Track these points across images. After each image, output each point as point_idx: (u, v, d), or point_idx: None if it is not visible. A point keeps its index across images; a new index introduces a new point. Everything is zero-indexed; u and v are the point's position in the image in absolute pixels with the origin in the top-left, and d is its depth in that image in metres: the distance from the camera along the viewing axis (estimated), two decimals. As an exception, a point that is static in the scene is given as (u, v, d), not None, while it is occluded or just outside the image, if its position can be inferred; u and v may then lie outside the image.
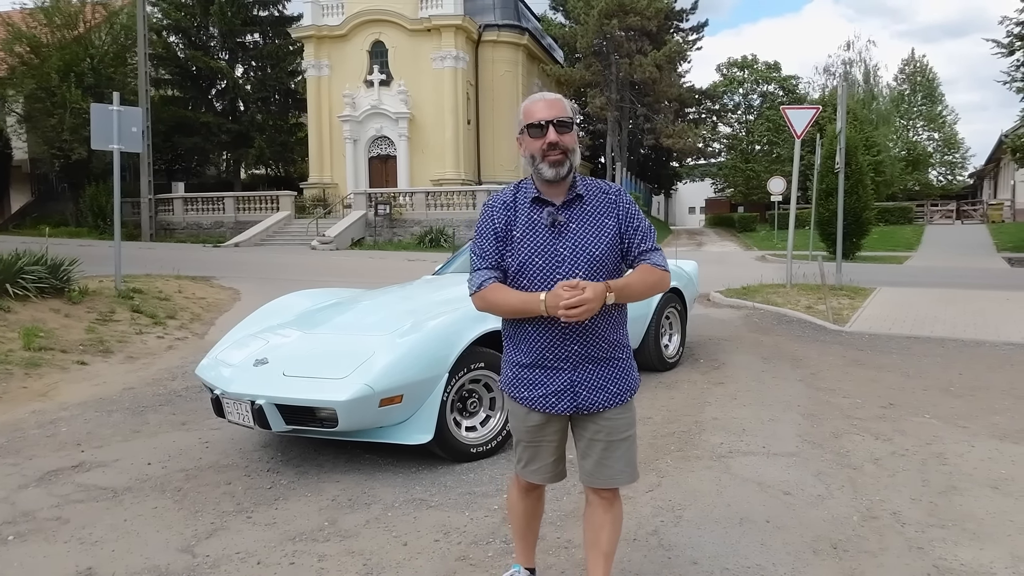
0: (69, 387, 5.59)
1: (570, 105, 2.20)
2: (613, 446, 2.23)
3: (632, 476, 2.28)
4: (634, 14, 33.10)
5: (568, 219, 2.17)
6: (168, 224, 28.39)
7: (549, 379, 2.20)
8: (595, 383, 2.20)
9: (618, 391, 2.23)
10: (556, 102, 2.17)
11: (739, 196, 46.64)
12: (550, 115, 2.13)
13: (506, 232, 2.21)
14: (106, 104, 8.84)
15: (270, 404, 3.63)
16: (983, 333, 7.76)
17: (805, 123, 10.74)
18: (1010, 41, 21.94)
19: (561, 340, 2.16)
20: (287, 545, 3.03)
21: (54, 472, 3.86)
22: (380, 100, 31.44)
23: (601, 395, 2.20)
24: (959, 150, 50.19)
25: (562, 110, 2.15)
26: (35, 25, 27.43)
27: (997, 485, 3.60)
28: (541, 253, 2.16)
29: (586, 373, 2.19)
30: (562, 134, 2.13)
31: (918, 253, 23.10)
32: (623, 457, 2.24)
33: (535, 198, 2.21)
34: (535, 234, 2.17)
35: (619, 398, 2.23)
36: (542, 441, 2.30)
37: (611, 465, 2.24)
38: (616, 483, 2.26)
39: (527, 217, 2.20)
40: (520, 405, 2.28)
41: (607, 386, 2.21)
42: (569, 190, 2.19)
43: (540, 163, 2.15)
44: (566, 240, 2.15)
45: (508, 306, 2.18)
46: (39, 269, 7.48)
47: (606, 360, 2.21)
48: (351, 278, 12.82)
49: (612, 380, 2.22)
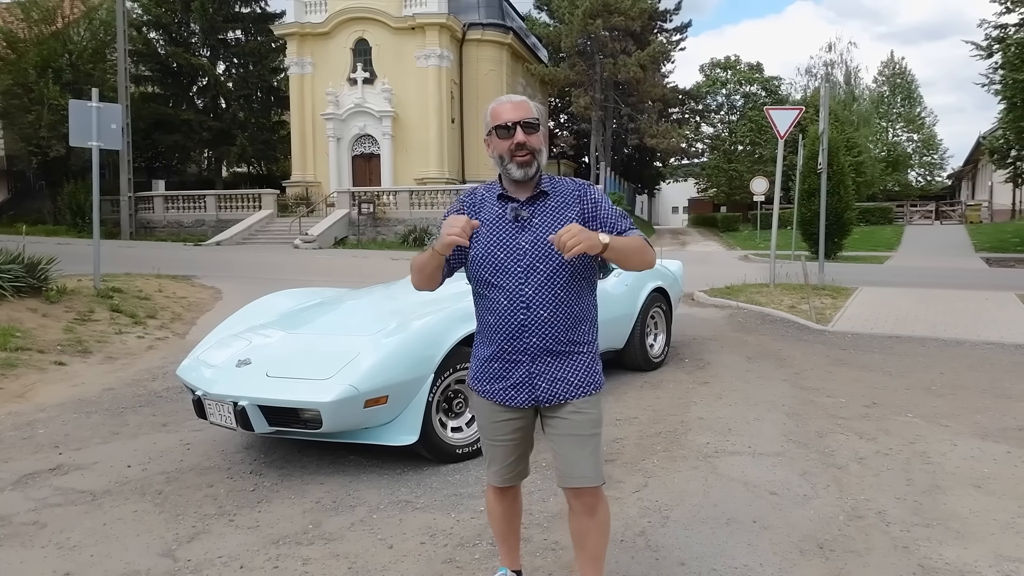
0: (47, 388, 5.49)
1: (536, 107, 2.23)
2: (582, 441, 2.22)
3: (597, 478, 2.25)
4: (618, 14, 33.20)
5: (531, 214, 2.20)
6: (148, 222, 28.09)
7: (508, 371, 2.23)
8: (554, 375, 2.21)
9: (579, 383, 2.22)
10: (522, 104, 2.20)
11: (722, 196, 46.91)
12: (517, 116, 2.16)
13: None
14: (85, 100, 8.72)
15: (253, 405, 3.58)
16: (963, 332, 7.85)
17: (788, 124, 10.81)
18: (988, 44, 22.22)
19: (520, 331, 2.18)
20: (270, 548, 2.99)
21: (31, 475, 3.78)
22: (364, 98, 31.28)
23: (560, 386, 2.21)
24: (938, 151, 50.91)
25: (528, 111, 2.18)
26: (12, 20, 27.07)
27: (980, 484, 3.63)
28: (503, 246, 2.19)
29: (544, 365, 2.20)
30: (529, 135, 2.16)
31: (898, 253, 23.35)
32: (593, 455, 2.23)
33: (500, 195, 2.25)
34: (498, 228, 2.21)
35: (580, 389, 2.21)
36: (503, 440, 2.32)
37: (580, 462, 2.22)
38: (588, 482, 2.24)
39: (491, 212, 2.24)
40: (483, 399, 2.32)
41: (567, 377, 2.21)
42: (535, 187, 2.23)
43: (508, 163, 2.18)
44: (528, 233, 2.19)
45: (420, 261, 2.27)
46: (16, 268, 7.36)
47: (566, 353, 2.21)
48: (334, 277, 12.73)
49: (572, 372, 2.22)
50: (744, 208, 41.06)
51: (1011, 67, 20.66)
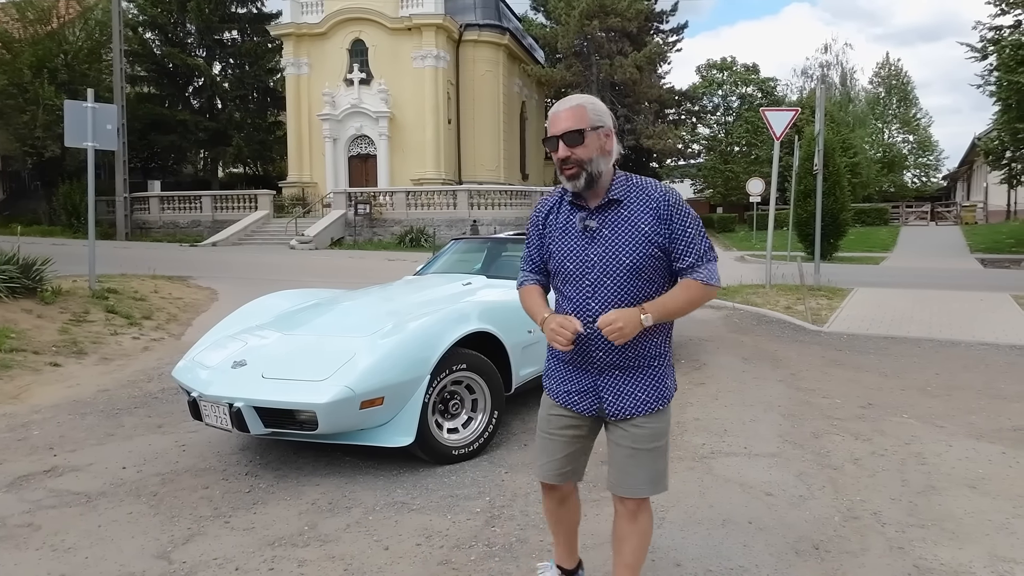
0: (41, 389, 5.48)
1: (591, 109, 2.09)
2: (638, 455, 2.16)
3: (654, 488, 2.21)
4: (615, 15, 33.20)
5: (601, 224, 2.11)
6: (144, 223, 28.02)
7: (576, 377, 2.21)
8: (620, 389, 2.15)
9: (646, 399, 2.16)
10: (571, 112, 2.08)
11: (718, 197, 46.98)
12: (558, 129, 2.07)
13: (544, 236, 2.27)
14: (80, 101, 8.70)
15: (249, 407, 3.57)
16: (958, 333, 7.87)
17: (784, 125, 10.83)
18: (983, 45, 22.27)
19: (587, 344, 2.13)
20: (266, 550, 2.98)
21: (25, 477, 3.77)
22: (360, 99, 31.27)
23: (627, 401, 2.16)
24: (933, 152, 51.06)
25: (573, 121, 2.06)
26: (7, 20, 26.95)
27: (975, 484, 3.64)
28: (572, 257, 2.14)
29: (611, 379, 2.16)
30: (573, 146, 2.06)
31: (894, 254, 23.39)
32: (647, 468, 2.18)
33: (571, 201, 2.19)
34: (568, 238, 2.17)
35: (647, 406, 2.15)
36: (555, 435, 2.29)
37: (632, 474, 2.18)
38: (636, 494, 2.19)
39: (564, 220, 2.19)
40: (547, 395, 2.33)
41: (635, 392, 2.15)
42: (605, 194, 2.12)
43: (560, 175, 2.14)
44: (597, 246, 2.11)
45: (526, 310, 2.30)
46: (10, 268, 7.33)
47: (634, 368, 2.15)
48: (331, 278, 12.72)
49: (640, 387, 2.16)
50: (740, 209, 41.11)
51: (1006, 69, 20.70)
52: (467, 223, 24.35)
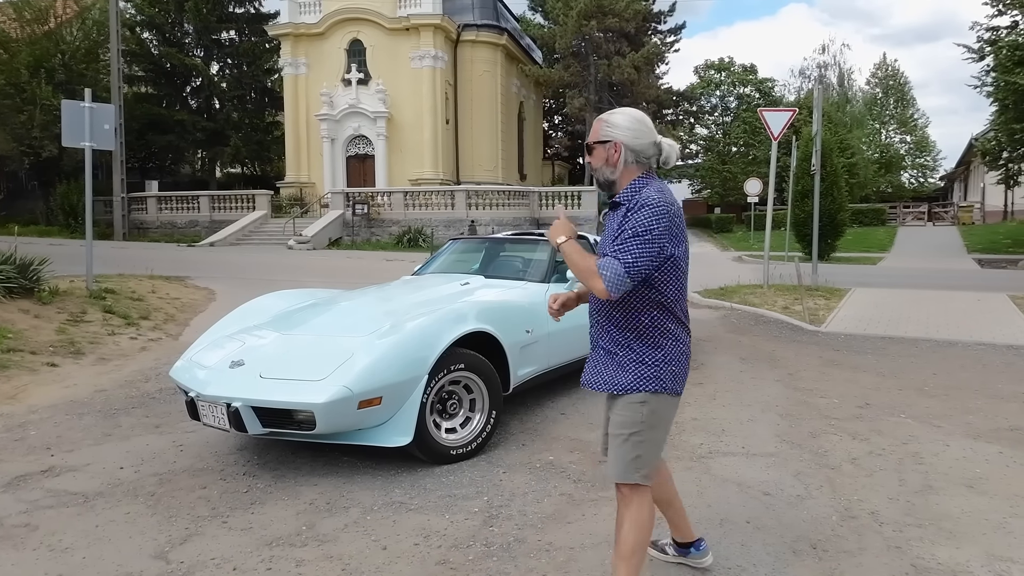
0: (38, 389, 5.47)
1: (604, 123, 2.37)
2: (613, 440, 2.39)
3: (621, 476, 2.35)
4: (613, 16, 33.21)
5: (605, 222, 2.45)
6: (141, 223, 27.96)
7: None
8: (594, 365, 2.46)
9: (604, 381, 2.39)
10: (594, 125, 2.41)
11: (716, 197, 46.96)
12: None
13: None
14: (78, 101, 8.67)
15: (246, 406, 3.56)
16: (955, 333, 7.88)
17: (782, 125, 10.84)
18: (980, 46, 22.30)
19: (591, 321, 2.50)
20: (264, 550, 2.98)
21: (23, 477, 3.76)
22: (358, 99, 31.25)
23: (592, 376, 2.44)
24: (930, 153, 51.07)
25: (592, 133, 2.40)
26: (4, 20, 26.89)
27: (972, 484, 3.64)
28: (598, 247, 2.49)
29: (595, 354, 2.48)
30: (588, 155, 2.41)
31: (891, 254, 23.43)
32: (615, 453, 2.38)
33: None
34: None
35: (601, 385, 2.40)
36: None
37: (611, 457, 2.41)
38: (609, 476, 2.42)
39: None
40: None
41: (601, 371, 2.41)
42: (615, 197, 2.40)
43: None
44: (602, 240, 2.46)
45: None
46: (8, 268, 7.32)
47: (606, 351, 2.41)
48: (329, 278, 12.71)
49: (606, 368, 2.40)
50: (738, 209, 41.11)
51: (1003, 69, 20.74)
52: (465, 223, 24.33)
